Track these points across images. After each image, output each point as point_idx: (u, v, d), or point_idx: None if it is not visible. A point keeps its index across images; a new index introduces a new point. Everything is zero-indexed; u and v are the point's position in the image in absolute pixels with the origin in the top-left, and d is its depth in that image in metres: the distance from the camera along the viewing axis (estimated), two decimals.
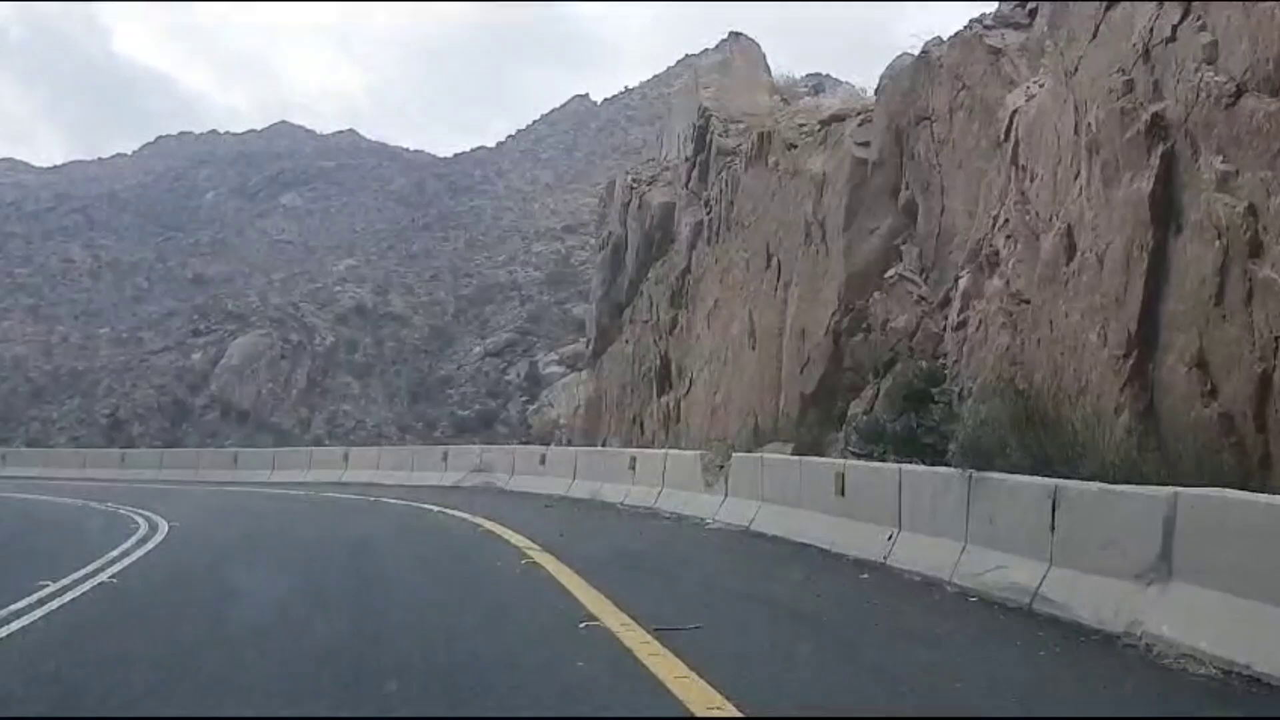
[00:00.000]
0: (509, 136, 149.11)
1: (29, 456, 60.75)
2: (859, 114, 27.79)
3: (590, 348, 53.43)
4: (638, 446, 35.71)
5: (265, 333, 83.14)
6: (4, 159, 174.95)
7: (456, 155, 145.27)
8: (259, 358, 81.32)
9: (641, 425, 40.81)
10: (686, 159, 41.87)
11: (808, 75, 64.81)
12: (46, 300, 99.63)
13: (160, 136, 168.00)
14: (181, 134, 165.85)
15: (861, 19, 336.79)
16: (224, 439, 75.14)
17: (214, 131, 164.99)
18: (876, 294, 24.72)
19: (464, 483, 37.65)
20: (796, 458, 22.08)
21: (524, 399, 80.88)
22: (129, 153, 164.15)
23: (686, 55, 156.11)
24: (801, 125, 31.20)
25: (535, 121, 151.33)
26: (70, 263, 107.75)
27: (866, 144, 26.19)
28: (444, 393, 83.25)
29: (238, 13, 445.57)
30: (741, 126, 36.94)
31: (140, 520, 24.69)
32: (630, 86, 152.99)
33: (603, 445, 41.90)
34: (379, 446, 55.67)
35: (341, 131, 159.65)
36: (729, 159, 36.29)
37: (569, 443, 51.61)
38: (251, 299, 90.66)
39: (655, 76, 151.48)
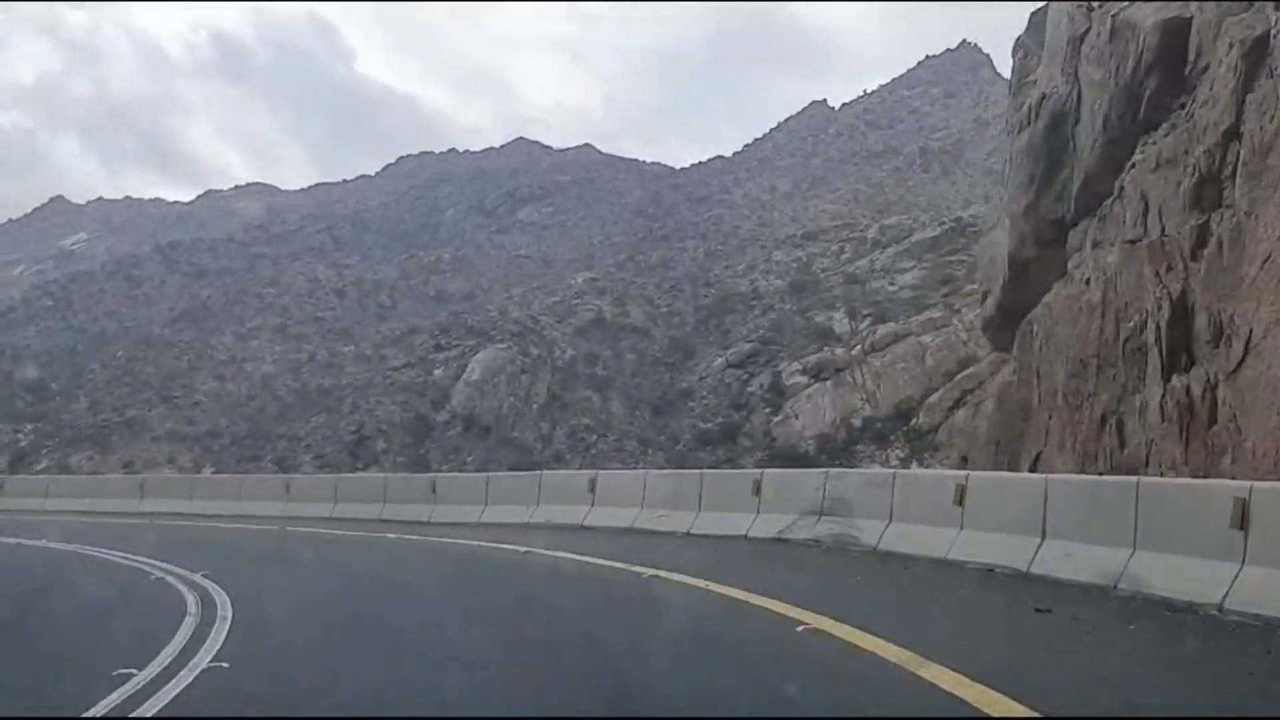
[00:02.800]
0: (745, 145, 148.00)
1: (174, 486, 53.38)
2: None
3: (994, 302, 35.78)
4: (1118, 469, 23.25)
5: (505, 347, 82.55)
6: (254, 183, 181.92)
7: (693, 165, 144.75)
8: (499, 372, 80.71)
9: (1120, 429, 24.97)
10: None
11: None
12: (294, 319, 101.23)
13: (402, 157, 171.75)
14: (422, 154, 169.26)
15: None
16: (465, 455, 74.75)
17: (453, 150, 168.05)
18: None
19: (793, 533, 22.76)
20: None
21: (767, 410, 78.60)
22: (372, 173, 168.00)
23: (927, 57, 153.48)
24: None
25: (772, 129, 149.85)
26: (316, 282, 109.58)
27: None
28: (685, 405, 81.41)
29: (474, 30, 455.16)
30: None
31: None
32: (869, 90, 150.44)
33: (1033, 468, 28.67)
34: (641, 470, 45.31)
35: (577, 146, 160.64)
36: None
37: (870, 462, 42.98)
38: (491, 314, 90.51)
39: (894, 79, 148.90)
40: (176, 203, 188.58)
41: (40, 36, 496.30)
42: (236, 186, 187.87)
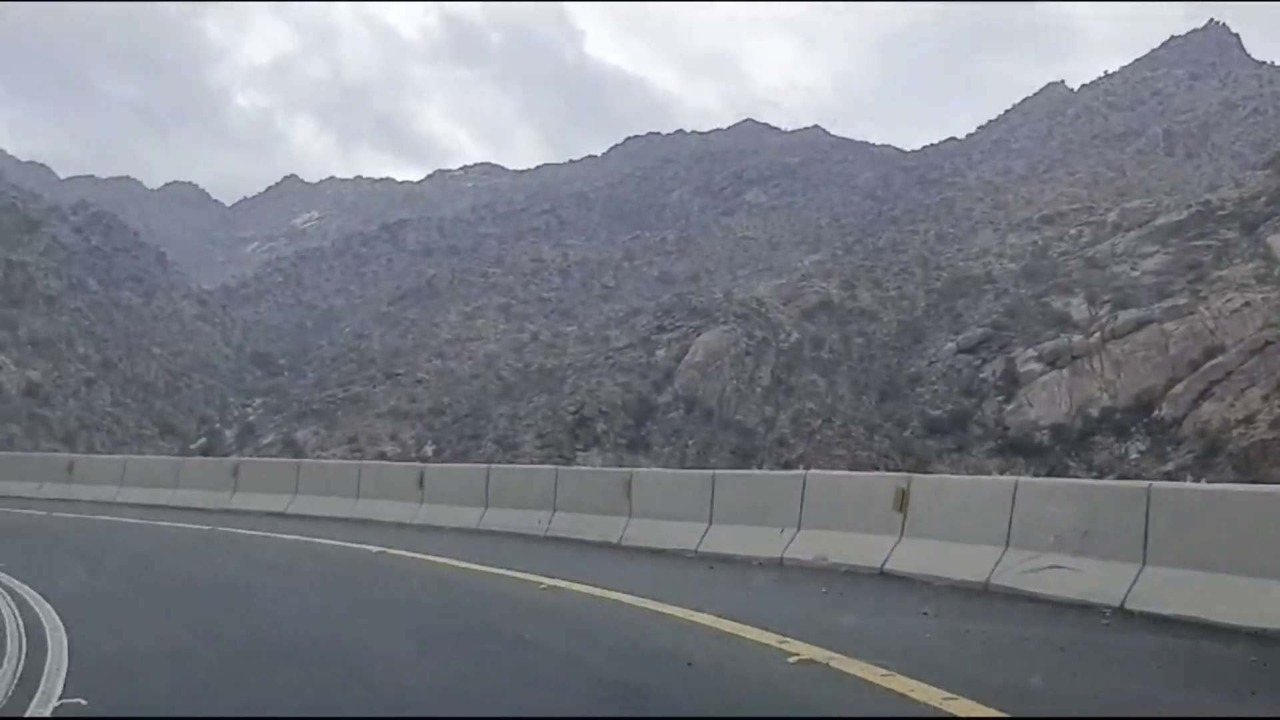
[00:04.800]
0: (979, 127, 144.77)
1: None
2: None
3: None
4: None
5: (729, 329, 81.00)
6: (482, 163, 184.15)
7: (924, 148, 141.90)
8: (723, 354, 79.23)
9: None
10: None
11: None
12: (518, 299, 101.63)
13: (629, 138, 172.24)
14: (649, 134, 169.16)
15: None
16: (687, 438, 73.53)
17: (680, 131, 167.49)
18: None
19: None
20: None
21: (1000, 398, 75.67)
22: (598, 154, 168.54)
23: (1171, 37, 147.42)
24: None
25: (1007, 111, 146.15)
26: (541, 262, 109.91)
27: None
28: (913, 391, 78.85)
29: (705, 11, 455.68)
30: None
31: None
32: (1110, 71, 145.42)
33: None
34: (994, 478, 36.31)
35: (806, 127, 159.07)
36: None
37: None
38: (716, 295, 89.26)
39: (1136, 60, 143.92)
40: (406, 182, 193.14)
41: (277, 19, 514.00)
42: (465, 167, 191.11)
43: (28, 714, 8.27)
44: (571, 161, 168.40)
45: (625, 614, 12.42)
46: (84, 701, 8.68)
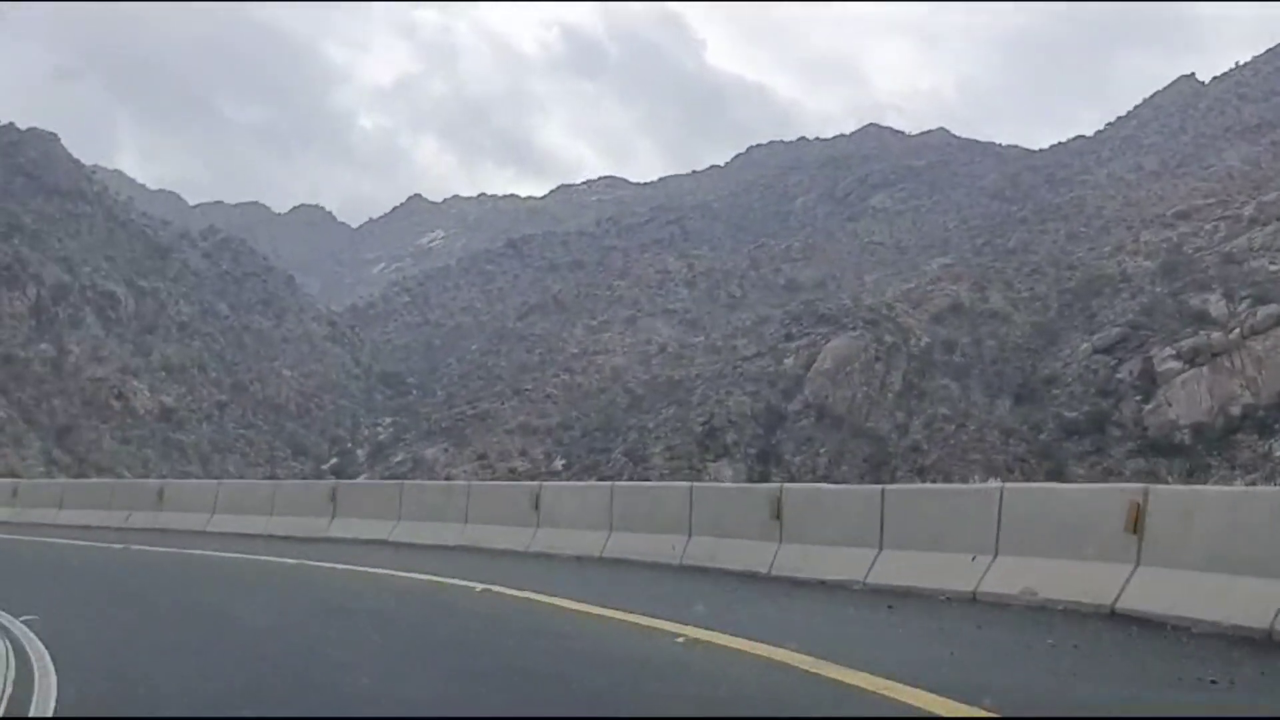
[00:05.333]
0: (1107, 124, 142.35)
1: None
2: None
3: None
4: None
5: (858, 335, 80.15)
6: (605, 176, 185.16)
7: (1051, 146, 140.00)
8: (852, 361, 78.39)
9: None
10: None
11: None
12: (644, 311, 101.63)
13: (751, 146, 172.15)
14: (771, 142, 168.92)
15: None
16: (818, 446, 72.86)
17: (803, 138, 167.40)
18: None
19: None
20: None
21: (1138, 399, 73.99)
22: (721, 164, 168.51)
23: None
24: None
25: (1136, 106, 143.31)
26: (666, 273, 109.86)
27: None
28: (1049, 393, 77.34)
29: (825, 17, 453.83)
30: None
31: None
32: (1241, 63, 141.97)
33: None
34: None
35: (930, 130, 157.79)
36: None
37: None
38: (844, 301, 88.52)
39: (1269, 50, 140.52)
40: (530, 198, 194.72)
41: (399, 39, 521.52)
42: (588, 181, 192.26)
43: None
44: (694, 172, 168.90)
45: (798, 686, 9.03)
46: None
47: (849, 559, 15.40)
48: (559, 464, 79.26)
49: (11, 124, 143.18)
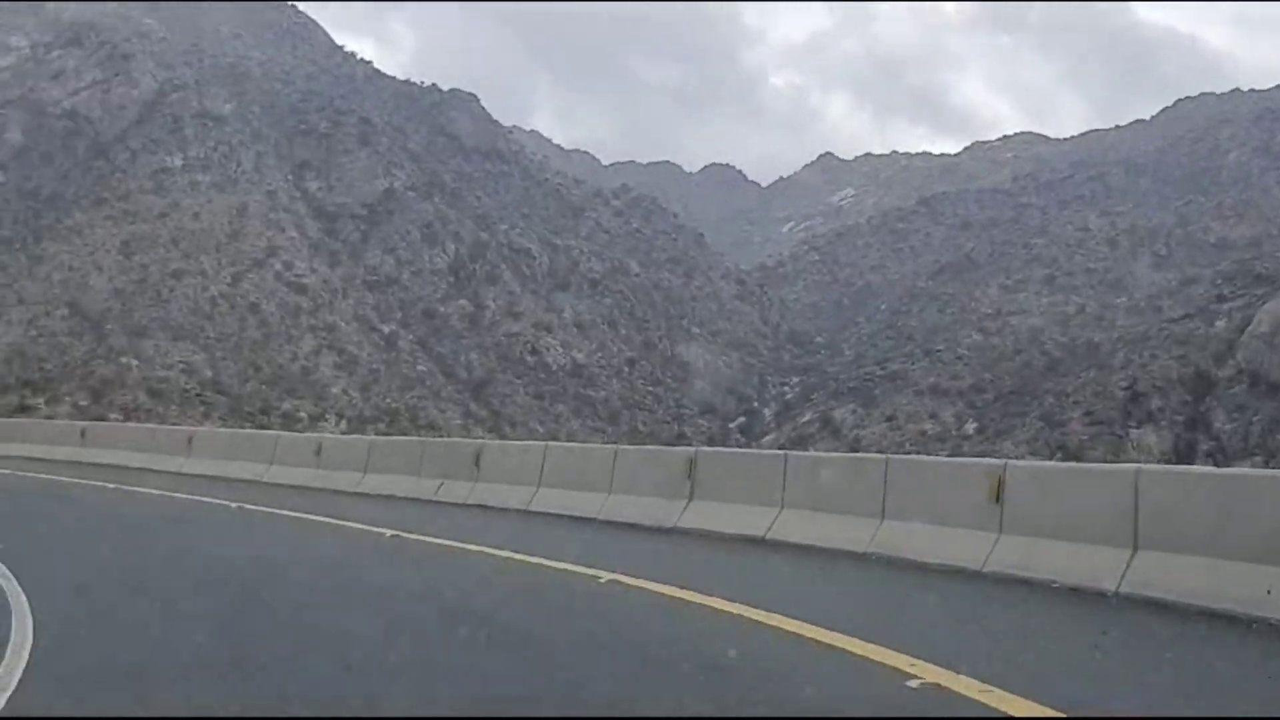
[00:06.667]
0: None
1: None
2: None
3: None
4: None
5: None
6: (1022, 132, 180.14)
7: None
8: None
9: None
10: None
11: None
12: (1062, 270, 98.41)
13: (1179, 99, 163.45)
14: (1202, 95, 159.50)
15: None
16: (1251, 414, 68.48)
17: (1236, 90, 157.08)
18: None
19: None
20: None
21: None
22: (1147, 118, 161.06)
23: None
24: None
25: None
26: (1086, 231, 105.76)
27: None
28: None
29: None
30: None
31: None
32: None
33: None
34: None
35: None
36: None
37: None
38: None
39: None
40: (943, 155, 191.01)
41: None
42: (1004, 137, 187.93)
43: None
44: (1118, 127, 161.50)
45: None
46: None
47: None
48: (970, 428, 77.28)
49: (434, 85, 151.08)
